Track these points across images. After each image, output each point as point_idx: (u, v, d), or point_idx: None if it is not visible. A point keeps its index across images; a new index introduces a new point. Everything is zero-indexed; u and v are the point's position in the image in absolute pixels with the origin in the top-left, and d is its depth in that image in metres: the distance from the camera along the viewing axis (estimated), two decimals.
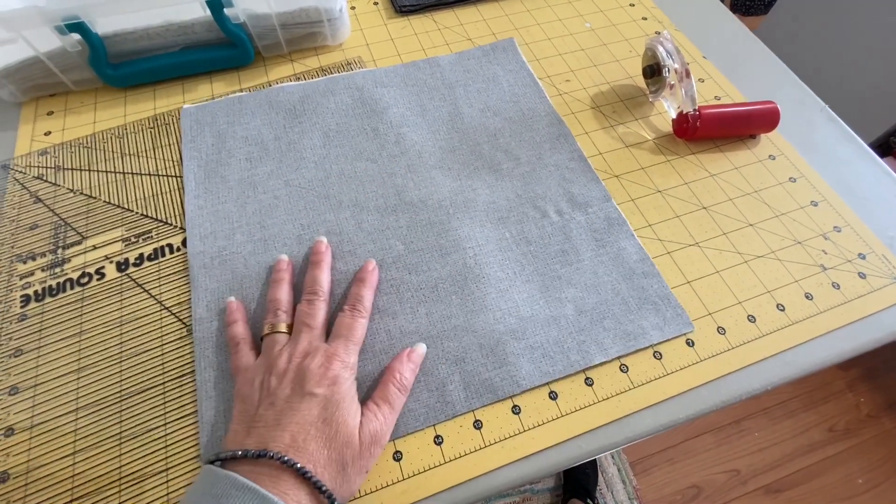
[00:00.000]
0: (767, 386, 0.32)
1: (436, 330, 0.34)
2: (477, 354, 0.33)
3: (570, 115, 0.45)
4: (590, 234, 0.38)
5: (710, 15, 0.55)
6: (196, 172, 0.40)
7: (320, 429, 0.27)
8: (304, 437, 0.26)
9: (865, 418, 1.15)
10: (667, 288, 0.36)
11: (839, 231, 0.39)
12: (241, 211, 0.39)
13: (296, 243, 0.37)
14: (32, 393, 0.31)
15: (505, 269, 0.36)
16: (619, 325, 0.34)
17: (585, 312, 0.35)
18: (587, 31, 0.52)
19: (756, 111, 0.43)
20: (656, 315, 0.35)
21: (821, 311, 0.35)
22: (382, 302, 0.35)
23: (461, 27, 0.52)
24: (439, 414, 0.31)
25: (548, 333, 0.34)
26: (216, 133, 0.43)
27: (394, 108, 0.45)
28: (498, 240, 0.38)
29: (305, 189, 0.40)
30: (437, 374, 0.32)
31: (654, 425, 0.31)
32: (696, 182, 0.42)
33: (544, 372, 0.32)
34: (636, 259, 0.37)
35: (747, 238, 0.39)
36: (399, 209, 0.39)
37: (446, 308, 0.35)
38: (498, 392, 0.32)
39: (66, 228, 0.38)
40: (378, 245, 0.37)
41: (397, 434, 0.30)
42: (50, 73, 0.43)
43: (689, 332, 0.34)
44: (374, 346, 0.33)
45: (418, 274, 0.36)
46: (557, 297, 0.35)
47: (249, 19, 0.44)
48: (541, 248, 0.37)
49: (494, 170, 0.42)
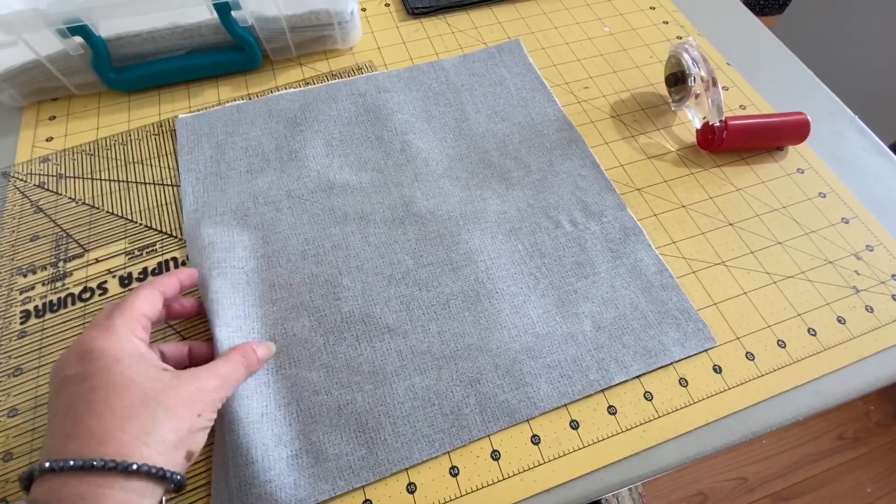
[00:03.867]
0: (798, 416, 0.31)
1: (449, 349, 0.32)
2: (492, 375, 0.31)
3: (589, 125, 0.44)
4: (605, 245, 0.37)
5: (733, 18, 0.53)
6: (195, 186, 0.39)
7: (88, 399, 0.22)
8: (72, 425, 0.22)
9: (875, 426, 1.14)
10: (687, 301, 0.34)
11: (871, 250, 0.38)
12: (242, 225, 0.37)
13: (300, 259, 0.36)
14: (33, 415, 0.30)
15: (519, 284, 0.35)
16: (639, 342, 0.33)
17: (603, 328, 0.33)
18: (606, 35, 0.50)
19: (785, 122, 0.41)
20: (677, 330, 0.33)
21: (854, 336, 0.34)
22: (392, 320, 0.33)
23: (475, 30, 0.50)
24: (454, 439, 0.29)
25: (565, 351, 0.32)
26: (214, 144, 0.41)
27: (398, 115, 0.43)
28: (510, 252, 0.36)
29: (309, 201, 0.38)
30: (452, 396, 0.31)
31: (679, 458, 0.30)
32: (721, 197, 0.40)
33: (563, 393, 0.31)
34: (654, 271, 0.36)
35: (776, 257, 0.37)
36: (407, 221, 0.38)
37: (459, 326, 0.33)
38: (515, 415, 0.30)
39: (68, 240, 0.36)
40: (386, 260, 0.36)
41: (411, 462, 0.29)
42: (52, 77, 0.41)
43: (712, 347, 0.33)
44: (385, 367, 0.32)
45: (429, 290, 0.35)
46: (574, 312, 0.34)
47: (257, 22, 0.43)
48: (555, 260, 0.36)
49: (504, 178, 0.40)
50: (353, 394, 0.31)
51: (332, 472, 0.28)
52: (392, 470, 0.28)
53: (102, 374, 0.23)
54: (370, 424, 0.30)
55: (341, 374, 0.31)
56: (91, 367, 0.23)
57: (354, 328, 0.33)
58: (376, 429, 0.30)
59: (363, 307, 0.34)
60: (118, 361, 0.23)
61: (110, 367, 0.23)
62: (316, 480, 0.28)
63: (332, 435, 0.29)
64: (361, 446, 0.29)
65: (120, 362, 0.23)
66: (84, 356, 0.23)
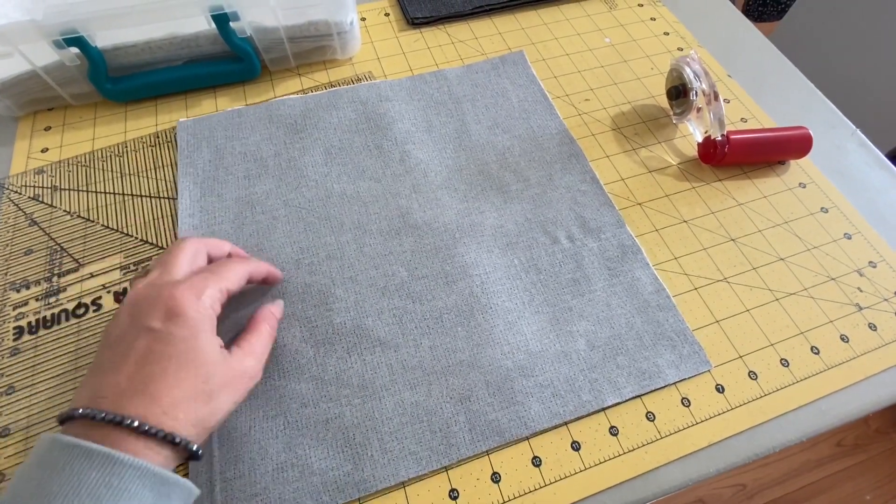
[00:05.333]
0: (802, 437, 0.31)
1: (440, 365, 0.32)
2: (483, 392, 0.31)
3: (589, 137, 0.43)
4: (602, 263, 0.36)
5: (733, 29, 0.53)
6: (192, 190, 0.38)
7: (163, 365, 0.24)
8: (141, 380, 0.24)
9: (874, 433, 1.14)
10: (683, 322, 0.34)
11: (874, 266, 0.37)
12: (238, 232, 0.37)
13: (294, 268, 0.35)
14: (25, 435, 0.29)
15: (513, 300, 0.35)
16: (633, 363, 0.32)
17: (598, 348, 0.33)
18: (607, 46, 0.50)
19: (787, 137, 0.41)
20: (672, 352, 0.33)
21: (857, 354, 0.33)
22: (384, 333, 0.33)
23: (476, 41, 0.50)
24: (443, 457, 0.29)
25: (558, 370, 0.32)
26: (214, 148, 0.41)
27: (399, 124, 0.43)
28: (506, 267, 0.36)
29: (305, 209, 0.38)
30: (442, 413, 0.30)
31: (682, 479, 0.29)
32: (723, 211, 0.40)
33: (554, 413, 0.30)
34: (651, 290, 0.35)
35: (778, 273, 0.37)
36: (403, 232, 0.37)
37: (452, 341, 0.33)
38: (505, 434, 0.30)
39: (62, 254, 0.36)
40: (380, 271, 0.35)
41: (397, 479, 0.28)
42: (47, 87, 0.41)
43: (706, 370, 0.32)
44: (375, 381, 0.31)
45: (422, 303, 0.34)
46: (568, 330, 0.33)
47: (256, 33, 0.42)
48: (551, 276, 0.36)
49: (503, 191, 0.40)
50: (341, 407, 0.30)
51: (316, 487, 0.28)
52: (378, 487, 0.28)
53: (182, 345, 0.25)
54: (357, 439, 0.29)
55: (330, 386, 0.31)
56: (175, 330, 0.25)
57: (345, 340, 0.33)
58: (363, 444, 0.29)
59: (355, 319, 0.33)
60: (197, 336, 0.25)
61: (189, 341, 0.25)
62: (300, 495, 0.28)
63: (318, 449, 0.29)
64: (347, 461, 0.29)
65: (198, 337, 0.25)
66: (172, 315, 0.25)
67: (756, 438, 0.31)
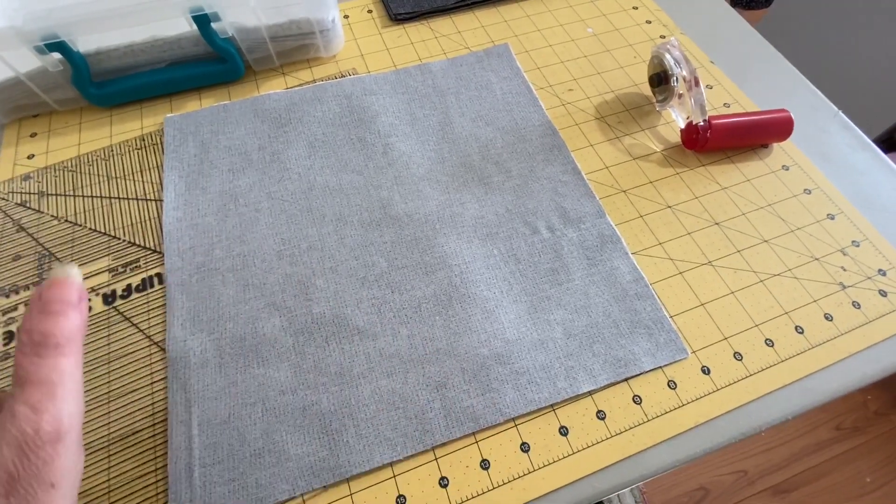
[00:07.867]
0: (788, 416, 0.31)
1: (417, 353, 0.32)
2: (459, 380, 0.31)
3: (573, 127, 0.44)
4: (581, 253, 0.37)
5: (716, 17, 0.53)
6: (177, 184, 0.39)
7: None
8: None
9: (873, 416, 1.14)
10: (661, 311, 0.34)
11: (857, 245, 0.38)
12: (221, 225, 0.37)
13: (275, 259, 0.36)
14: None
15: (492, 289, 0.35)
16: (610, 350, 0.33)
17: (574, 336, 0.33)
18: (589, 36, 0.50)
19: (768, 120, 0.41)
20: (648, 340, 0.33)
21: (841, 332, 0.34)
22: (363, 322, 0.33)
23: (459, 35, 0.50)
24: (417, 444, 0.29)
25: (534, 358, 0.32)
26: (199, 143, 0.41)
27: (382, 117, 0.43)
28: (485, 257, 0.36)
29: (288, 202, 0.38)
30: (418, 400, 0.31)
31: (670, 461, 0.29)
32: (707, 196, 0.40)
33: (529, 400, 0.31)
34: (629, 279, 0.35)
35: (762, 255, 0.37)
36: (384, 224, 0.38)
37: (429, 330, 0.33)
38: (480, 421, 0.30)
39: (51, 259, 0.36)
40: (360, 262, 0.36)
41: (372, 465, 0.28)
42: (32, 94, 0.41)
43: (682, 358, 0.33)
44: (353, 369, 0.32)
45: (401, 293, 0.35)
46: (546, 318, 0.34)
47: (238, 33, 0.42)
48: (530, 266, 0.36)
49: (484, 183, 0.40)
50: (318, 395, 0.31)
51: (293, 472, 0.28)
52: (352, 472, 0.28)
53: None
54: (334, 426, 0.30)
55: (308, 374, 0.31)
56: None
57: (325, 329, 0.33)
58: (339, 430, 0.30)
59: (334, 308, 0.34)
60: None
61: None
62: (276, 480, 0.28)
63: (295, 435, 0.30)
64: (323, 447, 0.29)
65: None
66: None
67: (742, 418, 0.31)
